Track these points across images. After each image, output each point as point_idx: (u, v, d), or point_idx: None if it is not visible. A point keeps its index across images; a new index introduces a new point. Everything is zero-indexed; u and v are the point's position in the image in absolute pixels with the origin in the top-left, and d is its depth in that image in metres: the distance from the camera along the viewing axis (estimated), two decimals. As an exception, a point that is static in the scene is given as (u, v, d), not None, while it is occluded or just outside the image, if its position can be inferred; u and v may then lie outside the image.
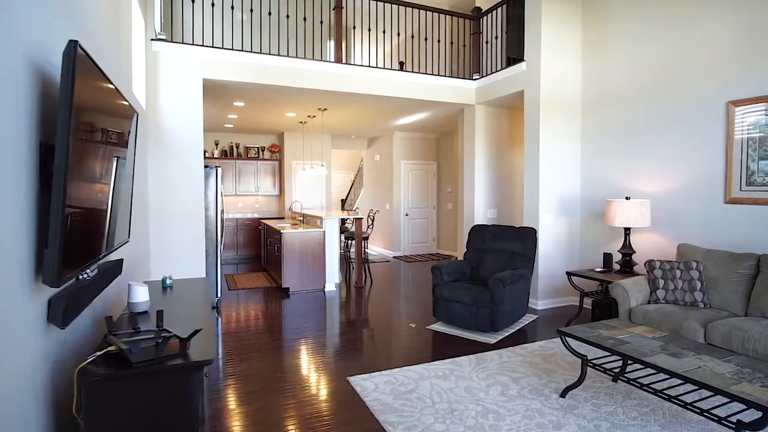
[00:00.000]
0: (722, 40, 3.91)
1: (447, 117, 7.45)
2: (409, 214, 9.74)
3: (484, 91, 6.16)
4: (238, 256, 9.20)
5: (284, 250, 6.05)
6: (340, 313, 5.20)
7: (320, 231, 6.25)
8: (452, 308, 4.40)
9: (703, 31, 4.06)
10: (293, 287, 6.13)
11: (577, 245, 5.45)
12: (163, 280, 2.55)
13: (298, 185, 9.61)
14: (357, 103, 6.34)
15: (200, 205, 4.93)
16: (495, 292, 4.15)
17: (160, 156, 4.73)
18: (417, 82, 5.94)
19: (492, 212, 6.53)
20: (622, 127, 4.86)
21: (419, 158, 9.85)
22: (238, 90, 5.55)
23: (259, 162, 9.60)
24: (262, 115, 7.41)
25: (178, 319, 2.03)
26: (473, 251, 5.04)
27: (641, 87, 4.63)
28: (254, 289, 6.38)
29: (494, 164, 6.53)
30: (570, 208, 5.39)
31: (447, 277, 4.65)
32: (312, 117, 7.49)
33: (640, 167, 4.66)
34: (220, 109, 6.85)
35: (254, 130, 9.12)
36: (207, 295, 2.42)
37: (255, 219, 9.31)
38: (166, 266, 4.78)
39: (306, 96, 5.89)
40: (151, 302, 2.33)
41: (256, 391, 3.09)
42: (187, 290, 2.54)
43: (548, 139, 5.22)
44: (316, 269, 6.23)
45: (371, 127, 8.71)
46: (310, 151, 9.63)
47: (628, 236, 4.45)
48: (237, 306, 5.45)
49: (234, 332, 4.43)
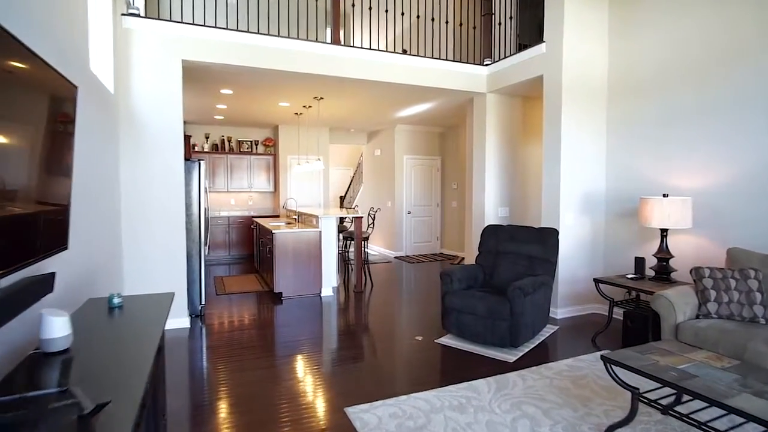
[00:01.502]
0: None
1: (454, 107, 6.90)
2: (412, 212, 9.19)
3: (497, 77, 5.60)
4: (230, 256, 8.66)
5: (276, 252, 5.50)
6: (338, 322, 4.66)
7: (316, 231, 5.70)
8: (464, 320, 3.86)
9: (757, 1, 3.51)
10: (287, 292, 5.59)
11: (600, 247, 4.91)
12: (109, 299, 2.00)
13: (293, 181, 9.05)
14: (356, 90, 5.78)
15: (180, 202, 4.39)
16: (514, 302, 3.61)
17: (132, 147, 4.17)
18: (422, 67, 5.38)
19: (504, 210, 5.98)
20: (655, 116, 4.30)
21: (423, 153, 9.30)
22: (224, 75, 4.99)
23: (253, 157, 9.05)
24: (253, 105, 6.85)
25: (107, 366, 1.48)
26: (487, 254, 4.50)
27: (679, 70, 4.07)
28: (244, 294, 5.84)
29: (506, 159, 5.97)
30: (593, 206, 4.84)
31: (458, 285, 4.11)
32: (308, 107, 6.93)
33: (678, 161, 4.11)
34: (206, 98, 6.29)
35: (247, 122, 8.57)
36: (160, 322, 1.88)
37: (248, 217, 8.77)
38: (141, 274, 4.24)
39: (300, 82, 5.33)
40: (89, 330, 1.78)
41: (235, 427, 2.55)
42: (140, 312, 2.00)
43: (570, 129, 4.66)
44: (312, 272, 5.69)
45: (371, 119, 8.15)
46: (307, 145, 9.07)
47: (665, 239, 3.91)
48: (223, 314, 4.91)
49: (217, 346, 3.89)
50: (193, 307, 4.77)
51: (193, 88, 5.67)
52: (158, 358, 1.93)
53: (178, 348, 3.88)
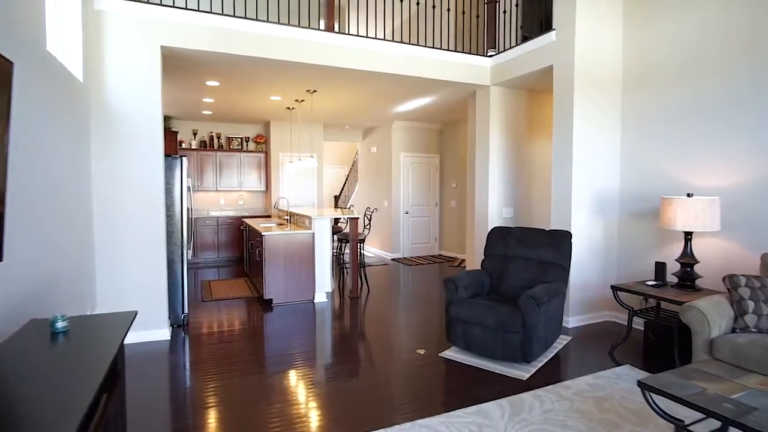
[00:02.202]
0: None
1: (455, 102, 6.55)
2: (409, 212, 8.84)
3: (501, 69, 5.26)
4: (220, 258, 8.26)
5: (266, 256, 5.13)
6: (332, 332, 4.29)
7: (309, 233, 5.34)
8: (471, 332, 3.52)
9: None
10: (277, 299, 5.22)
11: (614, 251, 4.58)
12: (52, 323, 1.64)
13: (286, 180, 8.67)
14: (351, 82, 5.42)
15: (160, 202, 4.01)
16: (528, 313, 3.27)
17: (106, 142, 3.79)
18: (422, 57, 5.02)
19: (508, 211, 5.65)
20: (676, 108, 3.98)
21: (420, 150, 8.95)
22: (209, 64, 4.61)
23: (243, 154, 8.66)
24: (242, 99, 6.47)
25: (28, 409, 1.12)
26: (494, 259, 4.15)
27: (705, 58, 3.75)
28: (232, 301, 5.46)
29: (511, 156, 5.64)
30: (606, 206, 4.52)
31: (463, 293, 3.76)
32: (300, 101, 6.55)
33: (702, 157, 3.78)
34: (192, 91, 5.90)
35: (236, 118, 8.17)
36: (109, 351, 1.51)
37: (238, 217, 8.38)
38: (116, 282, 3.85)
39: (292, 73, 4.96)
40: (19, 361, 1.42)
41: (211, 467, 2.19)
42: (89, 337, 1.64)
43: (582, 124, 4.33)
44: (304, 277, 5.32)
45: (367, 114, 7.79)
46: (300, 142, 8.70)
47: (690, 242, 3.58)
48: (209, 323, 4.54)
49: (200, 361, 3.52)
50: (176, 317, 4.39)
51: (177, 79, 5.28)
52: (110, 392, 1.56)
53: (156, 364, 3.50)
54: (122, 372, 1.87)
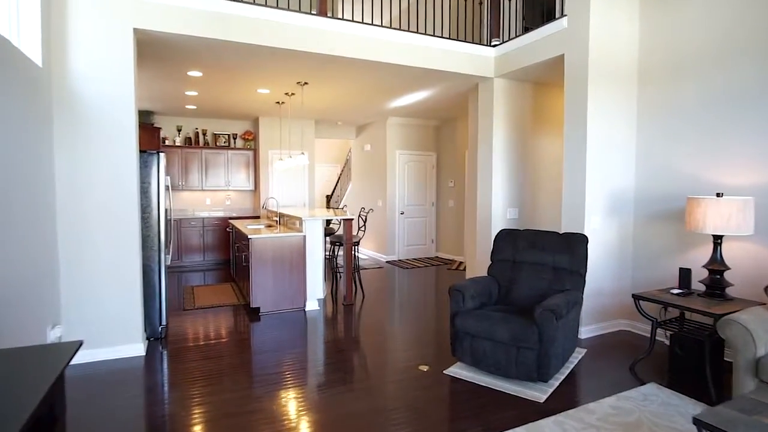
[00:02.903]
0: None
1: (454, 96, 6.20)
2: (405, 213, 8.49)
3: (506, 59, 4.91)
4: (206, 261, 7.83)
5: (253, 261, 4.73)
6: (325, 346, 3.92)
7: (299, 235, 4.95)
8: (480, 347, 3.16)
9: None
10: (265, 307, 4.82)
11: (628, 256, 4.26)
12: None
13: (275, 179, 8.26)
14: (345, 74, 5.04)
15: (134, 203, 3.60)
16: (545, 328, 2.92)
17: (72, 135, 3.37)
18: (422, 45, 4.66)
19: (513, 212, 5.31)
20: (701, 102, 3.66)
21: (416, 148, 8.59)
22: (190, 51, 4.20)
23: (230, 152, 8.23)
24: (228, 93, 6.06)
25: None
26: (502, 265, 3.80)
27: (737, 43, 3.43)
28: (217, 309, 5.05)
29: (516, 154, 5.30)
30: (621, 207, 4.19)
31: (471, 302, 3.41)
32: (290, 95, 6.16)
33: (730, 152, 3.46)
34: (173, 82, 5.48)
35: (223, 113, 7.75)
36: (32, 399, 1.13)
37: (225, 218, 7.96)
38: (84, 292, 3.44)
39: (281, 62, 4.57)
40: None
41: None
42: (9, 381, 1.26)
43: (597, 118, 4.00)
44: (295, 283, 4.94)
45: (361, 109, 7.41)
46: (290, 139, 8.29)
47: (719, 247, 3.26)
48: (189, 335, 4.13)
49: (176, 383, 3.12)
50: (152, 329, 3.99)
51: (156, 69, 4.86)
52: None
53: (126, 386, 3.10)
54: (61, 417, 1.48)
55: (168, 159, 7.74)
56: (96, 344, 3.50)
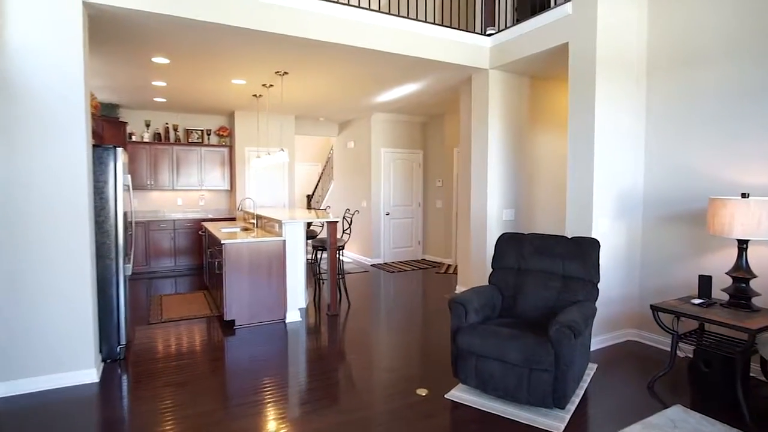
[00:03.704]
0: None
1: (444, 90, 5.83)
2: (391, 213, 8.09)
3: (502, 49, 4.56)
4: (177, 267, 7.28)
5: (227, 268, 4.26)
6: (308, 366, 3.48)
7: (279, 240, 4.50)
8: (487, 368, 2.79)
9: None
10: (241, 319, 4.35)
11: (637, 260, 3.95)
12: None
13: (253, 178, 7.75)
14: (328, 62, 4.61)
15: (84, 205, 3.09)
16: (563, 347, 2.56)
17: (4, 123, 2.85)
18: (412, 32, 4.27)
19: (509, 213, 4.97)
20: (719, 94, 3.36)
21: (402, 146, 8.20)
22: (153, 32, 3.71)
23: (204, 149, 7.68)
24: (200, 84, 5.55)
25: None
26: (505, 273, 3.44)
27: (758, 33, 3.14)
28: (187, 321, 4.56)
29: (512, 152, 4.96)
30: (629, 209, 3.88)
31: (474, 316, 3.03)
32: (269, 87, 5.69)
33: (754, 150, 3.18)
34: (137, 71, 4.95)
35: (195, 107, 7.20)
36: None
37: (199, 220, 7.41)
38: (21, 312, 2.92)
39: (257, 48, 4.11)
40: None
41: None
42: None
43: (605, 112, 3.68)
44: (274, 293, 4.48)
45: (345, 104, 6.98)
46: (268, 135, 7.79)
47: (745, 252, 2.96)
48: (154, 354, 3.64)
49: (136, 415, 2.65)
50: (109, 349, 3.49)
51: (115, 54, 4.34)
52: None
53: (72, 420, 2.61)
54: None
55: (135, 156, 7.15)
56: (36, 371, 2.99)
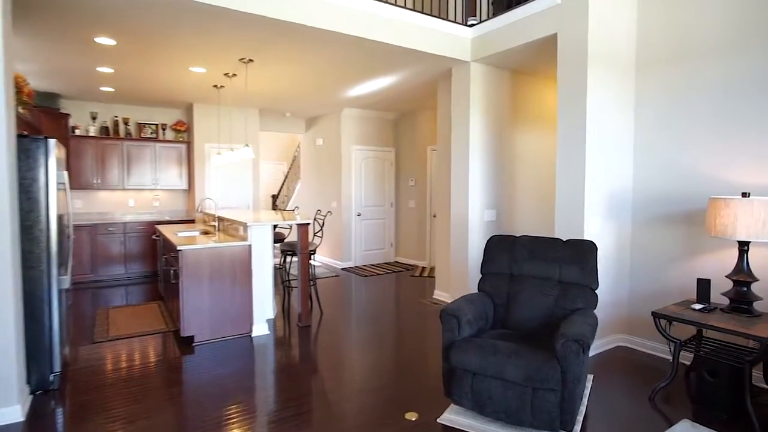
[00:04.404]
0: None
1: (421, 84, 5.54)
2: (362, 214, 7.74)
3: (485, 41, 4.31)
4: (128, 274, 6.64)
5: (184, 278, 3.79)
6: (279, 388, 3.08)
7: (244, 244, 4.06)
8: (485, 388, 2.49)
9: None
10: (201, 335, 3.89)
11: (626, 263, 3.79)
12: None
13: (213, 176, 7.20)
14: (298, 49, 4.21)
15: (4, 207, 2.57)
16: (570, 363, 2.30)
17: None
18: (389, 18, 3.94)
19: (490, 214, 4.73)
20: (713, 90, 3.22)
21: (374, 143, 7.86)
22: (90, 5, 3.20)
23: (159, 144, 7.07)
24: (153, 71, 5.00)
25: None
26: (496, 279, 3.17)
27: (751, 29, 3.00)
28: (139, 338, 4.04)
29: (493, 150, 4.72)
30: (619, 209, 3.71)
31: (468, 329, 2.73)
32: (231, 76, 5.21)
33: (750, 149, 3.04)
34: (78, 54, 4.37)
35: (149, 99, 6.59)
36: None
37: (153, 222, 6.80)
38: None
39: (221, 30, 3.67)
40: None
41: None
42: None
43: (596, 107, 3.48)
44: (238, 303, 4.04)
45: (314, 97, 6.57)
46: (230, 131, 7.27)
47: (746, 254, 2.81)
48: (96, 382, 3.14)
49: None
50: (40, 379, 2.96)
51: (50, 33, 3.77)
52: None
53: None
54: None
55: (80, 152, 6.47)
56: (-54, 410, 2.45)
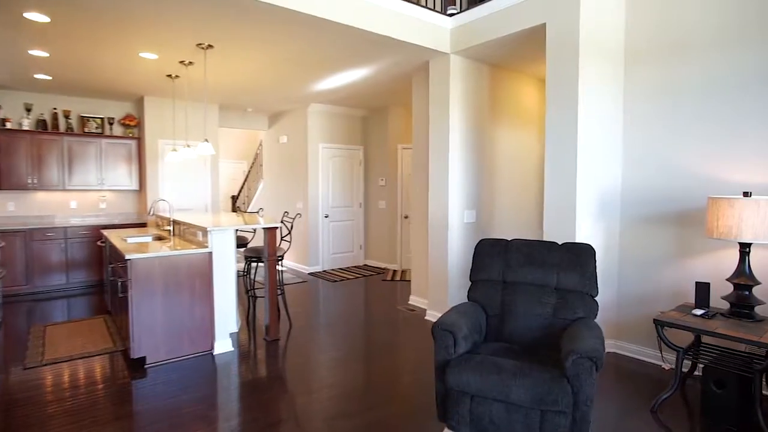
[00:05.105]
0: None
1: (395, 78, 5.24)
2: (330, 216, 7.36)
3: (466, 32, 4.07)
4: (70, 285, 5.97)
5: (134, 291, 3.31)
6: (246, 418, 2.69)
7: (204, 252, 3.62)
8: (486, 411, 2.22)
9: None
10: (154, 355, 3.42)
11: (614, 265, 3.64)
12: None
13: (168, 176, 6.62)
14: (265, 34, 3.82)
15: None
16: (583, 383, 2.07)
17: None
18: (367, 1, 3.62)
19: (470, 215, 4.50)
20: (707, 85, 3.10)
21: (342, 141, 7.50)
22: (20, -27, 2.70)
23: (105, 140, 6.41)
24: (98, 55, 4.45)
25: None
26: (488, 287, 2.91)
27: (744, 22, 2.89)
28: (81, 361, 3.52)
29: (473, 147, 4.50)
30: (608, 209, 3.55)
31: (464, 345, 2.45)
32: (188, 65, 4.72)
33: (751, 147, 2.94)
34: (4, 35, 3.78)
35: (93, 89, 5.95)
36: None
37: (99, 226, 6.15)
38: None
39: (177, 7, 3.22)
40: None
41: None
42: None
43: (587, 102, 3.30)
44: (198, 318, 3.60)
45: (280, 91, 6.15)
46: (187, 126, 6.71)
47: (747, 256, 2.69)
48: (23, 420, 2.63)
49: None
50: (-49, 417, 2.44)
51: (-32, 7, 3.20)
52: None
53: None
54: None
55: (11, 147, 5.75)
56: None
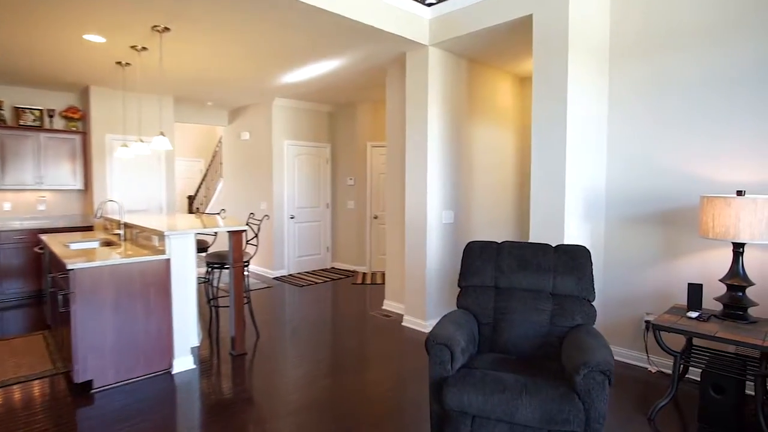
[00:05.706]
0: None
1: (366, 71, 4.98)
2: (296, 217, 7.00)
3: (446, 22, 3.87)
4: (4, 296, 5.31)
5: (78, 305, 2.88)
6: (216, 446, 2.36)
7: (161, 258, 3.22)
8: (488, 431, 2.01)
9: None
10: (102, 378, 3.00)
11: (599, 267, 3.55)
12: None
13: (118, 174, 6.05)
14: (225, 17, 3.46)
15: None
16: (595, 399, 1.89)
17: None
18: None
19: (448, 215, 4.31)
20: (694, 83, 3.04)
21: (309, 138, 7.16)
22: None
23: (44, 135, 5.77)
24: (34, 37, 3.92)
25: None
26: (480, 293, 2.71)
27: (733, 16, 2.85)
28: (14, 387, 3.03)
29: (452, 145, 4.31)
30: (594, 209, 3.45)
31: (461, 359, 2.23)
32: (141, 51, 4.26)
33: (738, 145, 2.89)
34: None
35: (29, 78, 5.33)
36: None
37: (37, 230, 5.52)
38: None
39: (122, -18, 2.82)
40: None
41: None
42: None
43: (576, 97, 3.17)
44: (154, 333, 3.20)
45: (242, 83, 5.74)
46: (139, 120, 6.16)
47: (741, 257, 2.63)
48: (-63, 464, 2.19)
49: None
50: None
51: None
52: None
53: None
54: None
55: (-71, 142, 5.04)
56: None
